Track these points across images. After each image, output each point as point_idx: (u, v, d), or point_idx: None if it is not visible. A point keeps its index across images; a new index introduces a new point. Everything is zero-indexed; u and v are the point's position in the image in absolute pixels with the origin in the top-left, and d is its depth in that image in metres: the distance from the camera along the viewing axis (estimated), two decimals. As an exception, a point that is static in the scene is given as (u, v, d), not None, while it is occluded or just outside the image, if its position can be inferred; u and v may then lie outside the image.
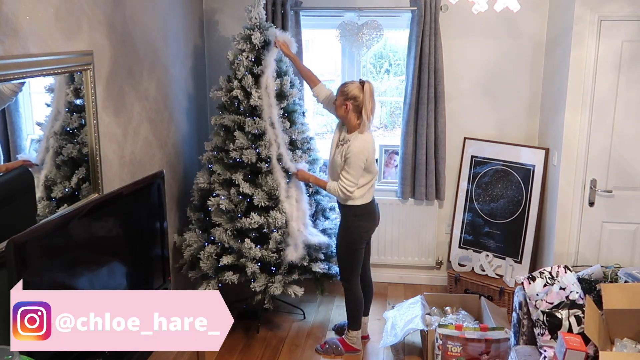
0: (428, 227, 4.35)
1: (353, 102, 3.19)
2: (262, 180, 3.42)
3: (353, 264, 3.41)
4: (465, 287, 4.06)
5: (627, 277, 2.85)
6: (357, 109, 3.20)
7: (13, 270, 1.82)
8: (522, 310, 2.84)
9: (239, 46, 3.45)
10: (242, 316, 3.86)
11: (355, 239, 3.36)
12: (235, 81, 3.45)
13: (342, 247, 3.42)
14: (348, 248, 3.39)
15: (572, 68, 3.43)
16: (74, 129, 2.59)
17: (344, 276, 3.47)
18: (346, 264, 3.43)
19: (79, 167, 2.62)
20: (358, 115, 3.22)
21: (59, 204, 2.47)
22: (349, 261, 3.41)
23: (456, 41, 4.09)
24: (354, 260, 3.40)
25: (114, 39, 2.92)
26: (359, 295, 3.47)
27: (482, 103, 4.19)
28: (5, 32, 2.11)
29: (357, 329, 3.52)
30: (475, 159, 4.21)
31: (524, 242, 3.99)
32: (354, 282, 3.44)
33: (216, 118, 3.54)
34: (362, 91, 3.18)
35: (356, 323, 3.52)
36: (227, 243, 3.42)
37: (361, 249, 3.40)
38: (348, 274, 3.44)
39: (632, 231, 3.52)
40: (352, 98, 3.19)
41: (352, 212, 3.33)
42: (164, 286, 2.81)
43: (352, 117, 3.22)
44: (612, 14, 3.31)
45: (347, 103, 3.20)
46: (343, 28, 4.06)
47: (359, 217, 3.33)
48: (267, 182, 3.40)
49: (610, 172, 3.50)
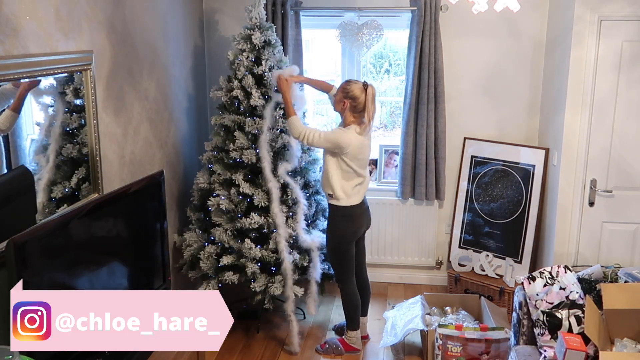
0: (428, 227, 4.35)
1: (351, 101, 3.20)
2: (262, 180, 3.42)
3: (344, 265, 3.40)
4: (465, 287, 4.07)
5: (627, 277, 2.85)
6: (354, 108, 3.22)
7: (13, 270, 1.82)
8: (522, 310, 2.84)
9: (239, 46, 3.45)
10: (242, 316, 3.86)
11: (341, 241, 3.36)
12: (236, 81, 3.45)
13: (330, 248, 3.43)
14: (335, 249, 3.39)
15: (572, 68, 3.43)
16: (74, 129, 2.59)
17: (337, 277, 3.47)
18: (337, 265, 3.44)
19: (79, 167, 2.62)
20: (354, 114, 3.23)
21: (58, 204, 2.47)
22: (339, 262, 3.42)
23: (456, 41, 4.09)
24: (344, 261, 3.40)
25: (114, 39, 2.92)
26: (355, 295, 3.47)
27: (482, 103, 4.19)
28: (5, 32, 2.11)
29: (356, 329, 3.52)
30: (475, 159, 4.21)
31: (524, 242, 3.99)
32: (347, 282, 3.43)
33: (216, 118, 3.54)
34: (363, 93, 3.19)
35: (354, 323, 3.51)
36: (227, 243, 3.42)
37: (349, 250, 3.39)
38: (341, 274, 3.44)
39: (632, 231, 3.52)
40: (351, 97, 3.20)
41: (340, 213, 3.32)
42: (164, 286, 2.81)
43: (348, 114, 3.25)
44: (612, 14, 3.31)
45: (345, 101, 3.22)
46: (343, 28, 4.06)
47: (345, 218, 3.32)
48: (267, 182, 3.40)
49: (610, 172, 3.50)
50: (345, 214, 3.32)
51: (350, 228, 3.35)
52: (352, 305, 3.48)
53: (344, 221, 3.33)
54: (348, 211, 3.31)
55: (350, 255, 3.40)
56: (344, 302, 3.50)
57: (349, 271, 3.42)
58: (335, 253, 3.41)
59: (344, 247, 3.37)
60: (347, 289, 3.45)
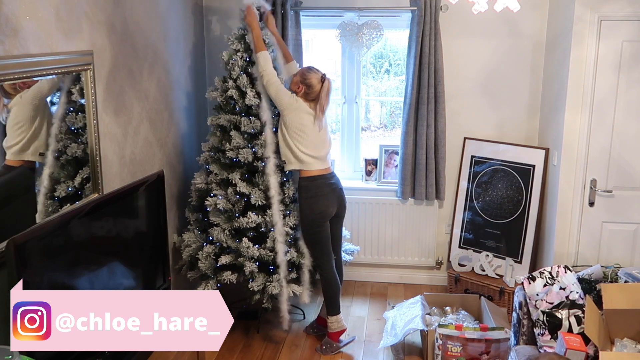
0: (428, 227, 4.35)
1: (306, 88, 3.31)
2: (259, 179, 3.43)
3: (318, 248, 3.43)
4: (465, 287, 4.07)
5: (627, 277, 2.86)
6: (306, 95, 3.32)
7: (13, 270, 1.82)
8: (522, 310, 2.84)
9: (233, 46, 3.47)
10: (242, 316, 3.86)
11: (309, 222, 3.39)
12: (230, 81, 3.46)
13: (302, 230, 3.46)
14: (306, 231, 3.43)
15: (572, 68, 3.43)
16: (79, 129, 2.59)
17: (315, 261, 3.49)
18: (311, 247, 3.46)
19: (83, 166, 2.62)
20: (306, 100, 3.32)
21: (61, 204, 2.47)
22: (312, 245, 3.45)
23: (456, 41, 4.09)
24: (317, 244, 3.42)
25: (114, 39, 2.92)
26: (333, 279, 3.47)
27: (482, 103, 4.19)
28: (5, 32, 2.11)
29: (336, 313, 3.50)
30: (475, 159, 4.21)
31: (524, 242, 3.99)
32: (324, 266, 3.44)
33: (212, 118, 3.55)
34: (319, 84, 3.30)
35: (333, 308, 3.50)
36: (225, 243, 3.42)
37: (321, 231, 3.40)
38: (316, 258, 3.46)
39: (632, 231, 3.53)
40: (307, 84, 3.31)
41: (303, 194, 3.36)
42: (164, 286, 2.81)
43: (300, 96, 3.34)
44: (612, 14, 3.31)
45: (300, 85, 3.32)
46: (343, 28, 4.06)
47: (310, 198, 3.35)
48: (264, 181, 3.42)
49: (610, 172, 3.50)
50: (309, 194, 3.35)
51: (316, 208, 3.36)
52: (330, 289, 3.48)
53: (309, 201, 3.35)
54: (311, 189, 3.34)
55: (323, 237, 3.41)
56: (323, 286, 3.51)
57: (325, 254, 3.43)
58: (306, 234, 3.44)
59: (315, 229, 3.38)
60: (324, 272, 3.45)
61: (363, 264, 4.47)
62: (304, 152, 3.32)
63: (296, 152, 3.32)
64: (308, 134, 3.32)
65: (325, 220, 3.41)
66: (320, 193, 3.37)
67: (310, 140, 3.33)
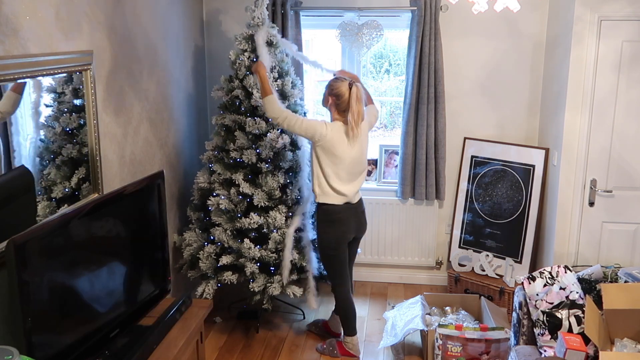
0: (428, 227, 4.35)
1: (335, 99, 3.19)
2: (262, 180, 3.42)
3: (332, 270, 3.37)
4: (465, 287, 4.07)
5: (627, 277, 2.86)
6: (337, 106, 3.20)
7: (13, 270, 1.81)
8: (522, 310, 2.84)
9: (240, 46, 3.46)
10: (242, 316, 3.87)
11: (325, 246, 3.31)
12: (237, 81, 3.46)
13: (318, 251, 3.41)
14: (322, 253, 3.37)
15: (572, 68, 3.44)
16: (74, 129, 2.59)
17: (329, 280, 3.47)
18: (327, 268, 3.42)
19: (79, 167, 2.62)
20: (339, 112, 3.21)
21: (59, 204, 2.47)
22: (327, 266, 3.40)
23: (456, 41, 4.10)
24: (332, 266, 3.36)
25: (114, 39, 2.92)
26: (347, 301, 3.41)
27: (482, 103, 4.19)
28: (5, 32, 2.10)
29: (352, 334, 3.47)
30: (475, 159, 4.22)
31: (524, 242, 3.99)
32: (338, 288, 3.39)
33: (217, 118, 3.55)
34: (348, 91, 3.15)
35: (349, 329, 3.46)
36: (227, 243, 3.42)
37: (337, 255, 3.31)
38: (331, 278, 3.43)
39: (632, 231, 3.53)
40: (335, 95, 3.19)
41: (320, 217, 3.27)
42: (164, 286, 2.81)
43: (334, 111, 3.24)
44: (612, 14, 3.32)
45: (330, 97, 3.22)
46: (343, 28, 4.06)
47: (327, 222, 3.25)
48: (267, 182, 3.41)
49: (610, 172, 3.50)
50: (326, 218, 3.25)
51: (332, 233, 3.26)
52: (345, 310, 3.43)
53: (325, 225, 3.27)
54: (329, 214, 3.24)
55: (339, 260, 3.33)
56: (337, 306, 3.49)
57: (340, 276, 3.37)
58: (322, 256, 3.39)
59: (331, 252, 3.31)
60: (338, 294, 3.41)
61: (363, 264, 4.47)
62: (334, 187, 3.20)
63: (325, 188, 3.21)
64: (343, 158, 3.18)
65: (340, 245, 3.31)
66: (338, 218, 3.25)
67: (346, 166, 3.19)
